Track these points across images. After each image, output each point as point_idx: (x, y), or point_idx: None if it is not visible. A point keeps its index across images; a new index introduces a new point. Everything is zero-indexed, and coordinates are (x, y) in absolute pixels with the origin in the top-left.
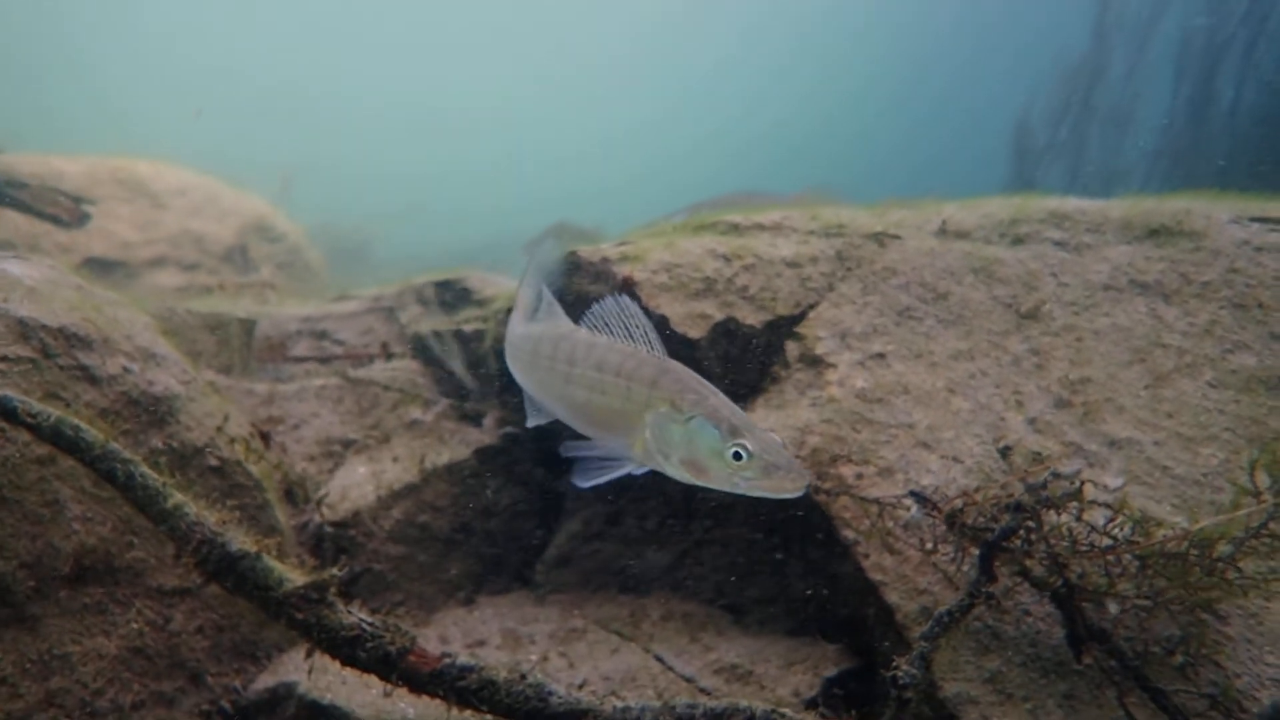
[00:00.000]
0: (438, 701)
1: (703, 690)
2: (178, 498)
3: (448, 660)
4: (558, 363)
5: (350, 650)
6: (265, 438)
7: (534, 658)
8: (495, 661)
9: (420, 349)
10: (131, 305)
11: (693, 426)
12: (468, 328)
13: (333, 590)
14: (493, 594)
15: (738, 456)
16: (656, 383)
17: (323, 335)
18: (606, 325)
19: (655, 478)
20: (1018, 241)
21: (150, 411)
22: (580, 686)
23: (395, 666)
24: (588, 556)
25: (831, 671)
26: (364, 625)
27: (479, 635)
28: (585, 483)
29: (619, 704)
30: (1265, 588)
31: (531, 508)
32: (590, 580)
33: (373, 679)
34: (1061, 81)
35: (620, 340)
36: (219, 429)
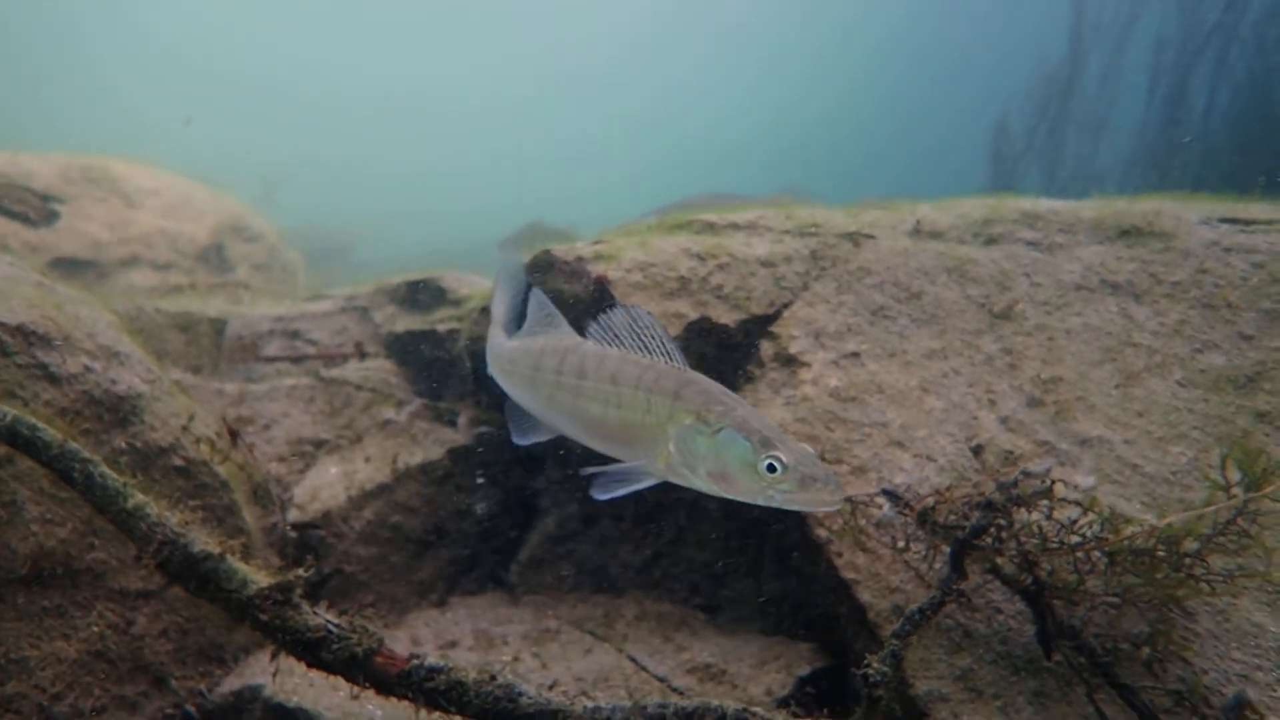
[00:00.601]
0: (406, 703)
1: (675, 690)
2: (138, 498)
3: (415, 661)
4: (565, 376)
5: (316, 652)
6: (234, 436)
7: (506, 658)
8: (467, 662)
9: (395, 348)
10: (95, 303)
11: (721, 439)
12: (441, 328)
13: (298, 591)
14: (466, 595)
15: (771, 469)
16: (680, 394)
17: (295, 335)
18: (617, 336)
19: None
20: (991, 241)
21: (113, 411)
22: (551, 687)
23: (362, 668)
24: (563, 557)
25: (804, 670)
26: (330, 627)
27: (451, 636)
28: (604, 495)
29: (589, 704)
30: (1232, 584)
31: (506, 508)
32: (565, 580)
33: (340, 681)
34: (1039, 86)
35: (634, 352)
36: (184, 428)
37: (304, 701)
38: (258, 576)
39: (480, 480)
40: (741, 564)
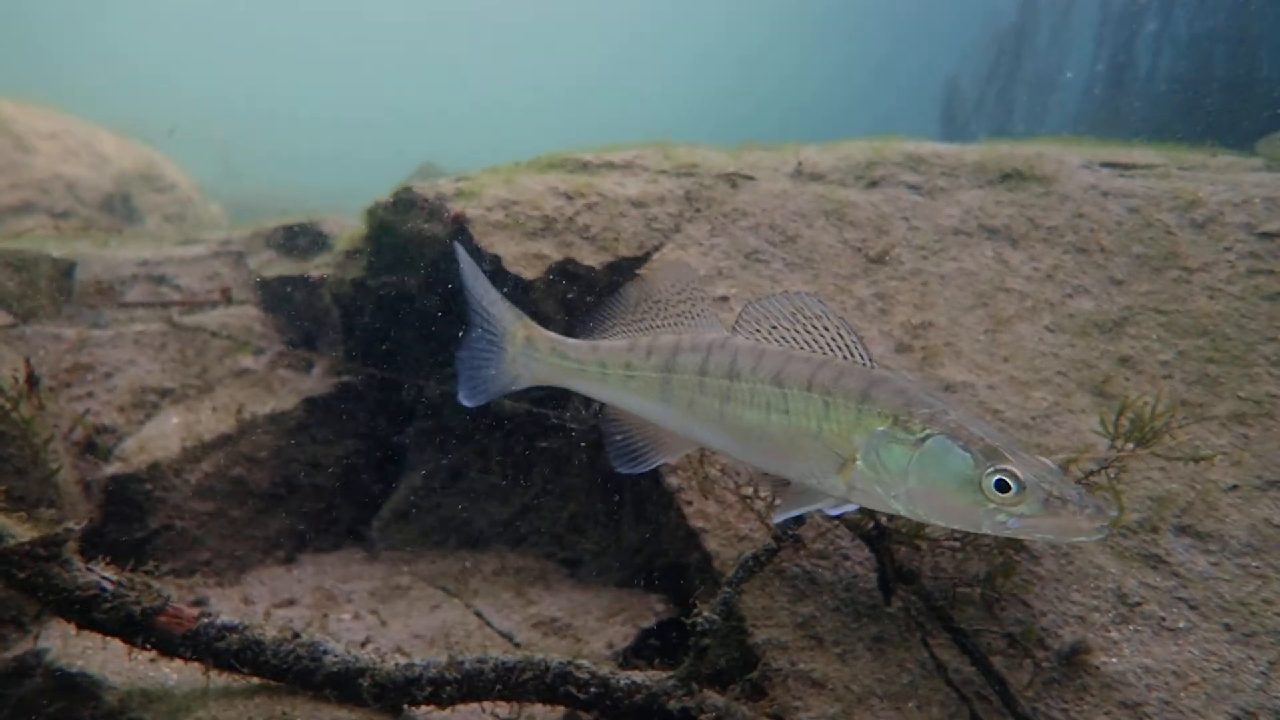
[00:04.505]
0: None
1: (517, 645)
2: None
3: (205, 620)
4: (711, 378)
5: (85, 612)
6: (31, 382)
7: (345, 617)
8: (301, 620)
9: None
10: None
11: (929, 449)
12: (315, 273)
13: (69, 547)
14: (319, 551)
15: (1002, 487)
16: (869, 395)
17: (162, 280)
18: (775, 329)
19: (493, 429)
20: (873, 184)
21: None
22: (364, 644)
23: (141, 628)
24: (428, 511)
25: (650, 622)
26: (103, 584)
27: (290, 594)
28: (780, 516)
29: (401, 661)
30: None
31: (368, 461)
32: (430, 535)
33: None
34: (991, 45)
35: (801, 347)
36: None
37: (89, 667)
38: (20, 530)
39: (338, 432)
40: (603, 516)
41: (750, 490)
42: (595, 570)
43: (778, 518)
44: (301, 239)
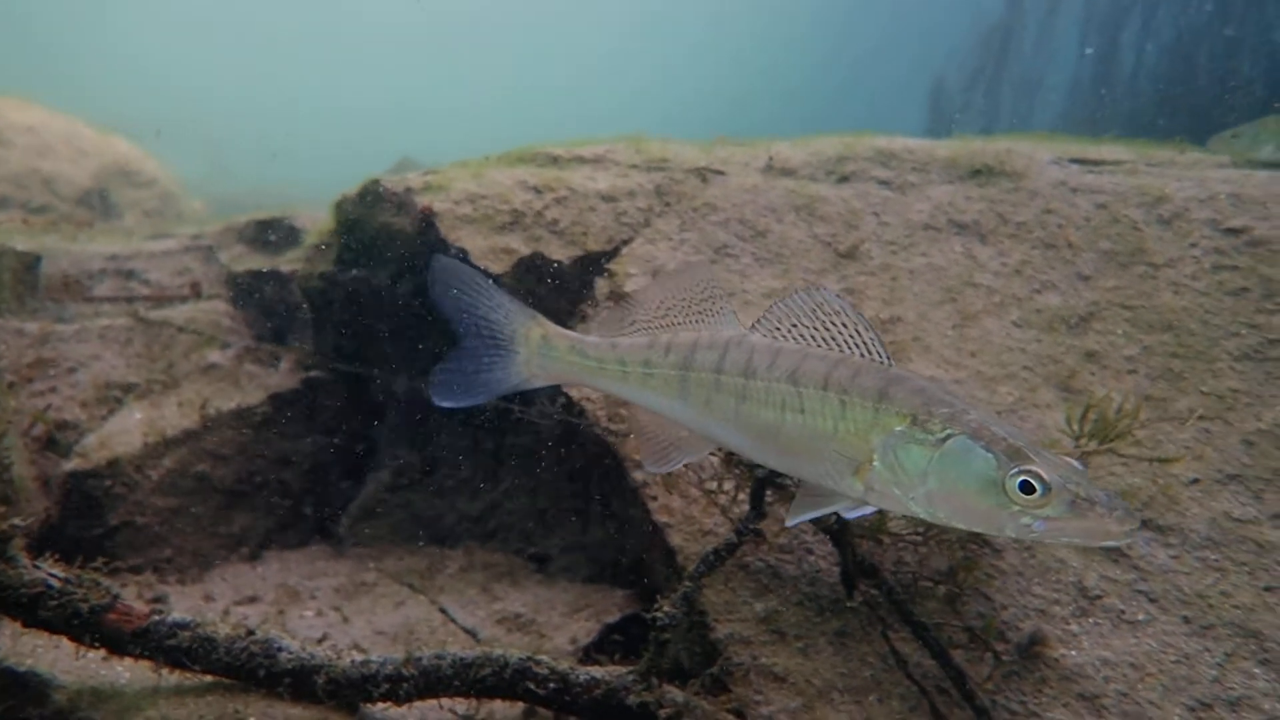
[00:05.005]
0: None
1: (480, 641)
2: None
3: (156, 617)
4: (727, 376)
5: (30, 609)
6: None
7: (308, 613)
8: (261, 617)
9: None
10: None
11: (950, 450)
12: (286, 268)
13: (16, 543)
14: (285, 548)
15: (1027, 489)
16: (886, 394)
17: (131, 275)
18: (795, 327)
19: (464, 425)
20: (843, 180)
21: None
22: (320, 641)
23: (89, 626)
24: (399, 508)
25: (614, 618)
26: (49, 581)
27: (252, 591)
28: (792, 520)
29: (357, 658)
30: None
31: (336, 457)
32: (399, 531)
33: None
34: (978, 44)
35: (819, 344)
36: None
37: (39, 665)
38: None
39: (306, 427)
40: (571, 511)
41: (714, 485)
42: (563, 566)
43: (791, 521)
44: (274, 233)
